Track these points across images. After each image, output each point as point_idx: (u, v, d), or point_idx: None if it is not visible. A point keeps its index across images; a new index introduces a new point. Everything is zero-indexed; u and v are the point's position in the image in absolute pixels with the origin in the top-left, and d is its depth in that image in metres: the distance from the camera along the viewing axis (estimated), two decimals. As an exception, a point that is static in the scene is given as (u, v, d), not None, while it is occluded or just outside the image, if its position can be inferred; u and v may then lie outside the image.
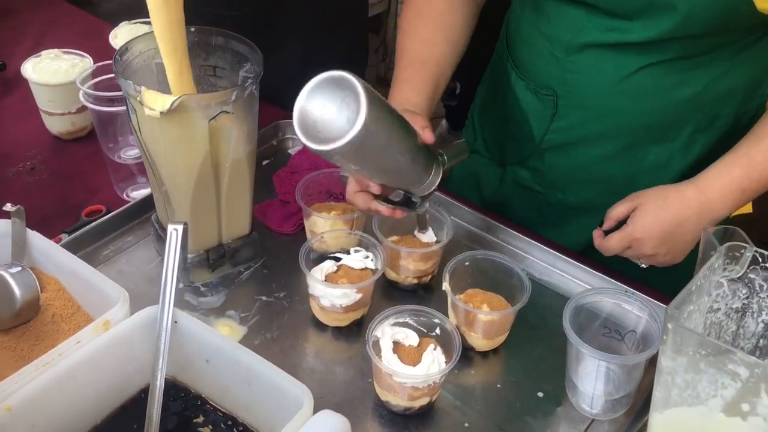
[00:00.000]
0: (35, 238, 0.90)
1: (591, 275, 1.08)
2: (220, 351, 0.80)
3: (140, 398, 0.82)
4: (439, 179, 0.95)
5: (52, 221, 1.14)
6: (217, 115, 0.89)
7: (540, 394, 0.96)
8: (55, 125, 1.29)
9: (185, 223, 0.82)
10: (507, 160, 1.22)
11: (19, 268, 0.88)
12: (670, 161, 1.07)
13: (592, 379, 0.91)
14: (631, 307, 0.92)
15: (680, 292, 0.75)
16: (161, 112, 0.84)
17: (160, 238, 1.02)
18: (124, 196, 1.20)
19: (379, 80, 3.21)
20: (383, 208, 0.96)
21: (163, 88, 0.92)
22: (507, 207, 1.23)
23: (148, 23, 1.26)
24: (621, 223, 1.01)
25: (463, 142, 1.04)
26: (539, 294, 1.08)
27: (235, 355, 0.79)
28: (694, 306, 0.78)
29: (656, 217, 0.96)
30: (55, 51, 1.27)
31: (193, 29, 0.95)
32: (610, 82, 1.02)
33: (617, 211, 1.01)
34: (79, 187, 1.22)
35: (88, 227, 1.10)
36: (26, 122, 1.33)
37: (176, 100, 0.84)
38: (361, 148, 0.75)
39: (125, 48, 0.94)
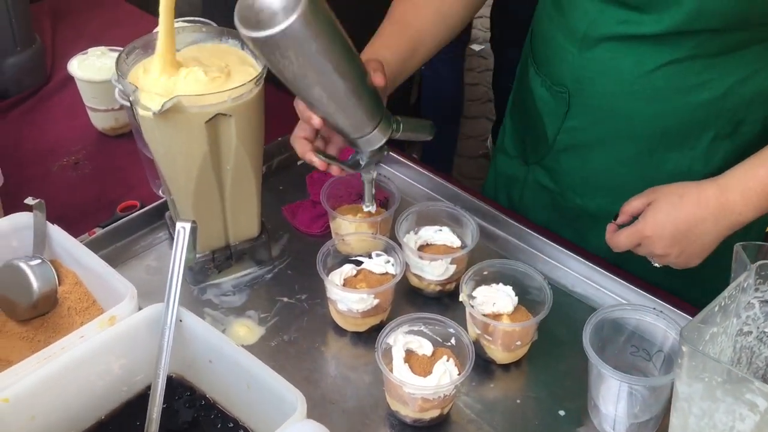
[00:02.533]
0: (55, 231, 0.91)
1: (625, 288, 1.02)
2: (221, 352, 0.79)
3: (145, 395, 0.82)
4: (385, 139, 0.91)
5: (89, 215, 1.16)
6: (213, 117, 0.88)
7: (561, 413, 0.91)
8: (100, 121, 1.32)
9: (193, 222, 0.82)
10: (529, 159, 1.19)
11: (39, 261, 0.90)
12: (690, 169, 1.00)
13: (615, 400, 0.86)
14: (658, 324, 0.87)
15: (700, 312, 0.69)
16: (154, 113, 0.83)
17: (172, 236, 1.02)
18: (159, 193, 1.21)
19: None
20: (317, 161, 0.91)
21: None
22: (531, 209, 1.19)
23: (191, 22, 1.28)
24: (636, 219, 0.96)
25: (427, 122, 1.01)
26: (570, 306, 1.04)
27: (235, 357, 0.78)
28: (719, 328, 0.73)
29: (668, 215, 0.90)
30: (102, 48, 1.30)
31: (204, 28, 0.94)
32: (624, 81, 0.97)
33: (632, 205, 0.96)
34: (117, 182, 1.24)
35: (120, 221, 1.11)
36: (75, 118, 1.36)
37: (168, 101, 0.83)
38: (297, 43, 0.74)
39: (133, 47, 0.93)
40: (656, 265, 0.97)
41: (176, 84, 0.88)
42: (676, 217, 0.90)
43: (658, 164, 1.02)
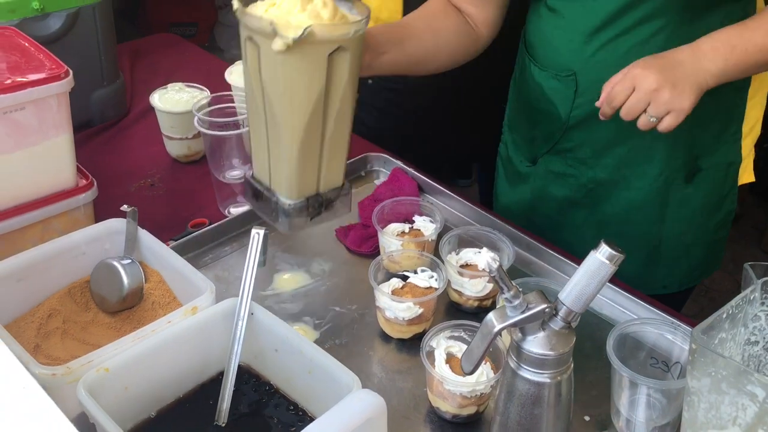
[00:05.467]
0: (144, 235, 1.05)
1: (642, 308, 1.12)
2: (287, 341, 0.91)
3: (219, 379, 0.94)
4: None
5: (162, 230, 1.29)
6: (335, 49, 0.92)
7: (587, 418, 1.00)
8: (174, 149, 1.47)
9: (267, 229, 0.95)
10: (538, 152, 1.32)
11: (129, 261, 1.03)
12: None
13: (635, 405, 0.95)
14: (675, 338, 0.96)
15: (710, 317, 0.79)
16: (294, 39, 0.87)
17: (257, 194, 1.05)
18: (226, 212, 1.35)
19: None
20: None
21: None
22: (544, 199, 1.33)
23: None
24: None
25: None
26: (595, 326, 1.13)
27: (300, 346, 0.89)
28: (727, 334, 0.82)
29: (652, 58, 1.03)
30: (180, 84, 1.46)
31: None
32: (626, 54, 1.10)
33: (614, 79, 1.05)
34: (188, 202, 1.38)
35: (191, 236, 1.25)
36: (151, 146, 1.52)
37: (307, 28, 0.87)
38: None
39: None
40: (652, 119, 1.03)
41: (304, 17, 0.91)
42: (658, 57, 1.03)
43: None
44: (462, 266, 1.15)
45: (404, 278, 1.12)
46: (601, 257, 0.76)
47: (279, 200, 1.01)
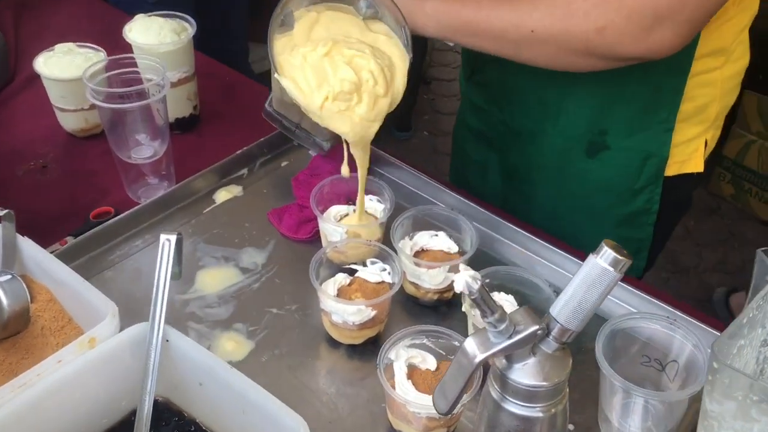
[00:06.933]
0: (26, 244, 0.84)
1: (631, 294, 0.98)
2: (213, 374, 0.73)
3: (130, 421, 0.76)
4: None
5: (60, 222, 1.09)
6: None
7: (571, 427, 0.87)
8: (69, 122, 1.24)
9: (179, 233, 0.76)
10: (466, 75, 1.24)
11: (9, 277, 0.83)
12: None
13: (627, 413, 0.82)
14: (674, 333, 0.83)
15: (729, 326, 0.65)
16: None
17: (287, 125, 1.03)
18: (136, 198, 1.14)
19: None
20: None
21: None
22: (462, 127, 1.28)
23: (165, 16, 1.21)
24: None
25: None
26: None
27: (229, 380, 0.72)
28: (746, 340, 0.69)
29: None
30: (69, 44, 1.22)
31: None
32: None
33: None
34: (89, 187, 1.17)
35: (95, 230, 1.04)
36: (42, 119, 1.28)
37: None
38: None
39: None
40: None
41: None
42: None
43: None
44: (417, 254, 0.99)
45: (352, 272, 0.95)
46: (603, 262, 0.60)
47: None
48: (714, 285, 2.27)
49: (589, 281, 0.61)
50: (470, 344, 0.61)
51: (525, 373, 0.63)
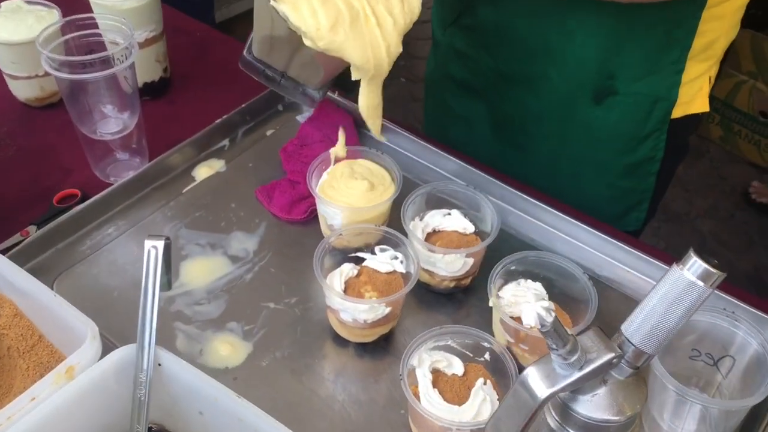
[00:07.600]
0: (-18, 251, 0.71)
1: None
2: (215, 404, 0.63)
3: (120, 454, 0.66)
4: None
5: (20, 209, 0.97)
6: None
7: (608, 426, 0.79)
8: (22, 91, 1.09)
9: (167, 238, 0.64)
10: (447, 20, 1.12)
11: (-36, 290, 0.71)
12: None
13: (680, 417, 0.74)
14: (734, 328, 0.74)
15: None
16: None
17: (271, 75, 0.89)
18: (105, 177, 1.01)
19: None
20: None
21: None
22: (443, 79, 1.16)
23: None
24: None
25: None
26: (613, 301, 0.90)
27: (235, 412, 0.61)
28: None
29: None
30: (17, 2, 1.06)
31: None
32: None
33: None
34: (51, 166, 1.03)
35: (61, 219, 0.92)
36: (-10, 87, 1.13)
37: None
38: None
39: None
40: None
41: None
42: None
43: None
44: (428, 236, 0.88)
45: (358, 261, 0.85)
46: (691, 275, 0.50)
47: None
48: (706, 233, 2.21)
49: (671, 297, 0.51)
50: (533, 377, 0.51)
51: (594, 406, 0.53)
